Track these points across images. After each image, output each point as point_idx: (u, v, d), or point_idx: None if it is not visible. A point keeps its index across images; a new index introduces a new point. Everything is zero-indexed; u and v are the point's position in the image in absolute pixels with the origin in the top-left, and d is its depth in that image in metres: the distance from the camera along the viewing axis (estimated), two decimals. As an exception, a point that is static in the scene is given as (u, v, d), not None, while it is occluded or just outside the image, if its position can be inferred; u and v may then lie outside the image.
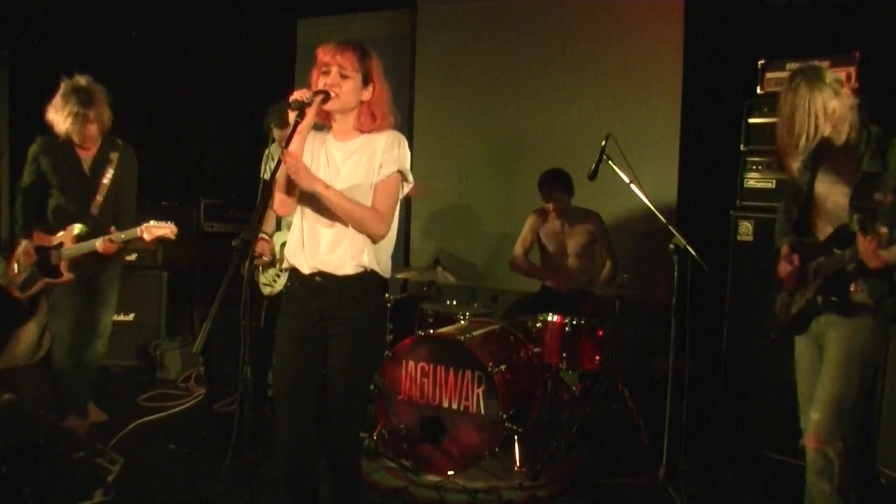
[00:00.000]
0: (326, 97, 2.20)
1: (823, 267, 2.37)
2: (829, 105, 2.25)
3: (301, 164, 2.17)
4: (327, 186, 2.22)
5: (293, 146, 2.17)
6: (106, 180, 3.51)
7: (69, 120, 3.33)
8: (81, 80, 3.41)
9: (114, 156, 3.54)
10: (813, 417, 2.38)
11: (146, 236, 3.29)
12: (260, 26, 5.90)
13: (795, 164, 2.36)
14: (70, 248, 3.43)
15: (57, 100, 3.37)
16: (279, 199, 2.27)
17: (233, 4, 5.96)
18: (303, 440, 2.34)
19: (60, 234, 3.47)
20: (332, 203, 2.22)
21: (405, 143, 2.35)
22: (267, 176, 3.08)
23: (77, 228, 3.45)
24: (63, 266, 3.45)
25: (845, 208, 2.32)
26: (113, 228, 3.39)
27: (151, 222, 3.30)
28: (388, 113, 2.33)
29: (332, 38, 2.31)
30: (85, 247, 3.40)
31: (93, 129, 3.42)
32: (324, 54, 2.24)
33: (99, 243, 3.35)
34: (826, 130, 2.26)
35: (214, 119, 6.12)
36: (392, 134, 2.33)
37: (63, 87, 3.38)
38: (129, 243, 3.47)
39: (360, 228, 2.27)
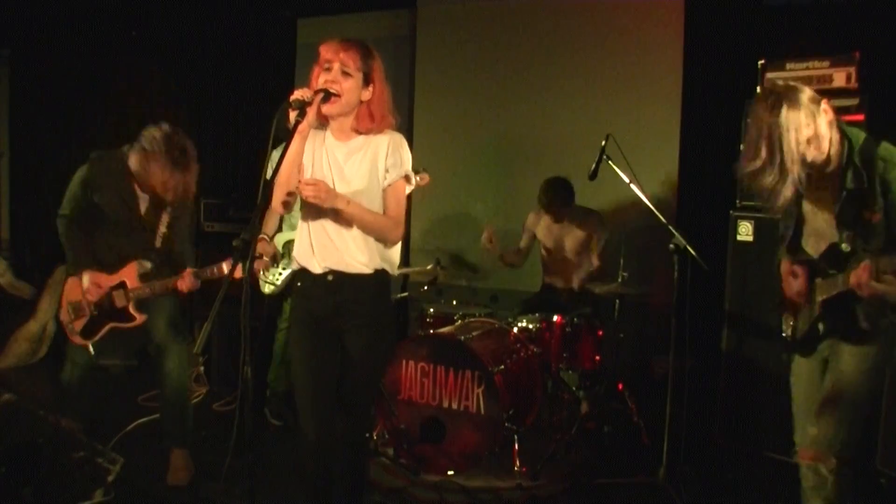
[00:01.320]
0: (327, 96, 2.19)
1: (820, 290, 2.28)
2: (801, 124, 2.05)
3: (322, 187, 2.17)
4: (349, 202, 2.23)
5: (294, 146, 2.18)
6: (168, 211, 3.15)
7: (165, 176, 2.97)
8: (179, 134, 3.09)
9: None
10: (810, 432, 2.31)
11: (235, 275, 3.03)
12: (260, 26, 5.90)
13: (787, 192, 2.09)
14: (140, 289, 3.09)
15: (156, 145, 2.99)
16: (279, 197, 2.26)
17: (233, 4, 5.96)
18: (329, 433, 2.36)
19: (120, 271, 3.11)
20: (354, 217, 2.26)
21: (405, 143, 2.37)
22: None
23: (140, 266, 3.12)
24: (132, 308, 3.11)
25: (833, 226, 2.22)
26: (191, 268, 3.06)
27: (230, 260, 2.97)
28: (386, 114, 2.32)
29: (331, 38, 2.30)
30: (159, 286, 3.05)
31: (179, 194, 3.08)
32: (326, 51, 2.24)
33: (181, 282, 3.02)
34: (809, 155, 2.07)
35: (214, 119, 6.12)
36: (393, 136, 2.34)
37: (162, 134, 3.01)
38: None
39: (379, 237, 2.33)
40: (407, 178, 2.37)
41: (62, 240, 3.16)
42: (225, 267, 3.04)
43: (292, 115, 2.14)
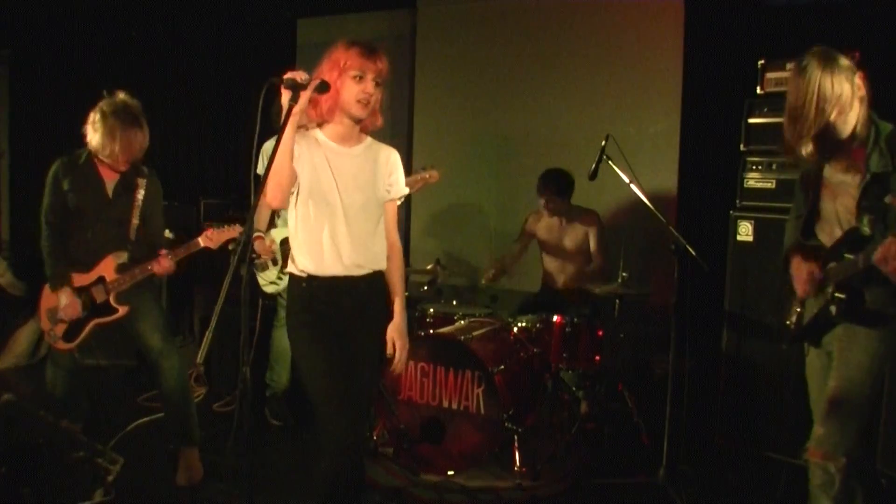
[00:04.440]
0: (325, 87, 2.16)
1: (834, 273, 2.26)
2: (838, 89, 2.11)
3: (403, 350, 2.44)
4: (403, 308, 2.45)
5: (287, 133, 2.12)
6: (138, 202, 3.21)
7: (121, 140, 3.06)
8: (128, 98, 3.17)
9: (141, 181, 3.25)
10: (817, 431, 2.29)
11: (211, 245, 3.14)
12: (260, 26, 5.90)
13: (807, 150, 2.18)
14: (118, 280, 3.12)
15: (102, 117, 3.07)
16: (273, 188, 2.18)
17: (233, 4, 5.96)
18: (362, 432, 2.43)
19: (97, 267, 3.14)
20: (404, 298, 2.48)
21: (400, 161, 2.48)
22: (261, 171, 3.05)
23: (116, 258, 3.15)
24: (113, 300, 3.13)
25: (853, 211, 2.22)
26: (164, 250, 3.15)
27: (209, 230, 3.15)
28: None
29: (332, 38, 2.29)
30: (138, 272, 3.11)
31: (139, 153, 3.17)
32: (356, 59, 2.21)
33: (156, 266, 3.11)
34: (832, 115, 2.12)
35: (214, 119, 6.13)
36: (394, 152, 2.44)
37: (106, 103, 3.10)
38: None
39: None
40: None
41: (43, 247, 3.15)
42: (201, 241, 3.14)
43: (285, 96, 2.09)
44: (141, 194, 3.22)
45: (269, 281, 3.74)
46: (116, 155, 3.09)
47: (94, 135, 3.08)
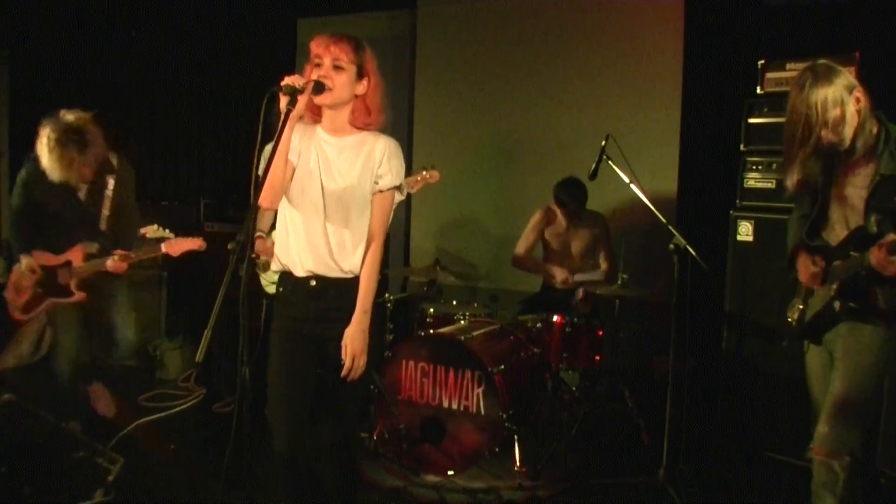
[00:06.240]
0: (320, 88, 2.13)
1: (839, 271, 2.27)
2: (828, 106, 2.12)
3: (355, 361, 2.22)
4: (364, 310, 2.25)
5: (284, 136, 2.10)
6: (108, 195, 3.36)
7: (64, 164, 3.14)
8: (71, 118, 3.22)
9: (110, 177, 3.37)
10: (821, 430, 2.30)
11: (171, 252, 3.23)
12: (260, 26, 5.91)
13: (793, 177, 2.24)
14: (82, 267, 3.29)
15: (47, 141, 3.15)
16: (265, 189, 2.15)
17: (233, 4, 5.96)
18: (301, 444, 2.30)
19: (67, 252, 3.31)
20: (371, 301, 2.28)
21: (401, 152, 2.33)
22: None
23: (88, 247, 3.30)
24: (73, 285, 3.29)
25: (861, 212, 2.23)
26: (120, 251, 3.26)
27: (172, 237, 3.25)
28: (381, 108, 2.28)
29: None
30: (98, 264, 3.27)
31: (88, 172, 3.26)
32: (317, 46, 2.18)
33: (110, 262, 3.23)
34: (822, 134, 2.14)
35: (214, 119, 6.13)
36: (389, 142, 2.29)
37: (51, 127, 3.17)
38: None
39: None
40: (399, 189, 2.33)
41: (10, 236, 3.36)
42: (163, 247, 3.25)
43: (283, 101, 2.07)
44: (111, 186, 3.35)
45: (271, 281, 3.73)
46: (76, 179, 3.21)
47: (50, 163, 3.14)
